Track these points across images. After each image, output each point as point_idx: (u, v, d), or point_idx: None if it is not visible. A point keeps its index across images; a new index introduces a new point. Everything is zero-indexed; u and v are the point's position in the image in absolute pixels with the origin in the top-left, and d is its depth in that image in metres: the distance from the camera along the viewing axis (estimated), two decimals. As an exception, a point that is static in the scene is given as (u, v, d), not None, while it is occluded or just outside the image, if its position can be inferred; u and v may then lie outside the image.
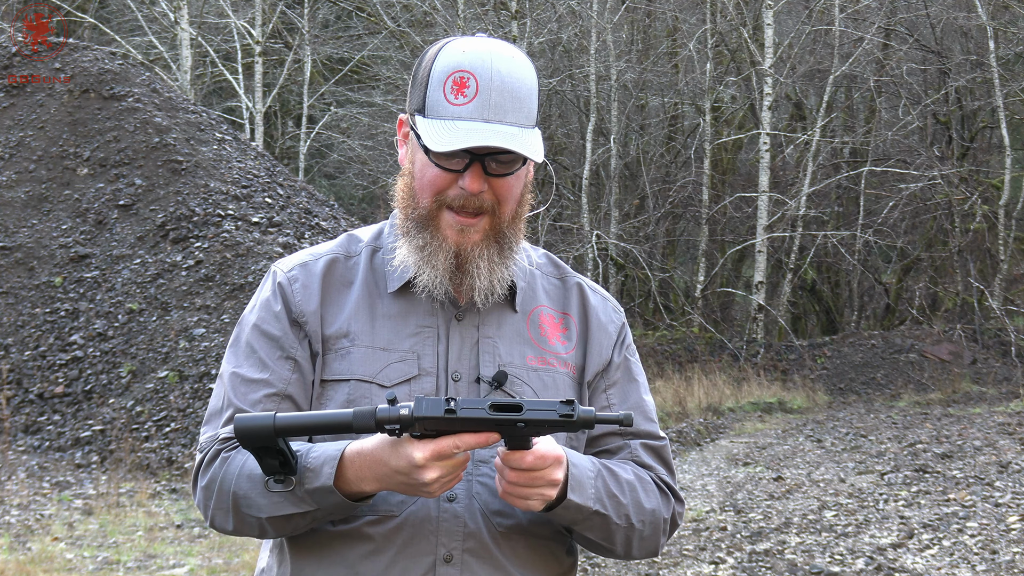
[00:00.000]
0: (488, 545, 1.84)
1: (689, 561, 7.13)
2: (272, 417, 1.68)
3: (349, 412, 1.69)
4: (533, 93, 1.85)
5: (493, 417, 1.69)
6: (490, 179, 1.83)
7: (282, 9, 23.84)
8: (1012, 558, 6.89)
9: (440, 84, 1.82)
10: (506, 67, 1.83)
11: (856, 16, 20.84)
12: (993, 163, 21.73)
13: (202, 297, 11.55)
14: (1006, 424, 12.40)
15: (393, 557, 1.82)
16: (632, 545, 1.91)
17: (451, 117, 1.81)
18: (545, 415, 1.70)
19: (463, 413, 1.68)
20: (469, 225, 1.84)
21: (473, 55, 1.83)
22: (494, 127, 1.79)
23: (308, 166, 24.73)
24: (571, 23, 20.74)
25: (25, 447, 10.56)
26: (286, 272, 1.94)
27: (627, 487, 1.88)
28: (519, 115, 1.82)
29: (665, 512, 1.94)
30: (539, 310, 1.97)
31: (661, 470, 1.97)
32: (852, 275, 22.00)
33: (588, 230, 19.52)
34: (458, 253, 1.85)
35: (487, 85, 1.81)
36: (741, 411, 15.47)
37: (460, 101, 1.81)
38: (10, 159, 13.39)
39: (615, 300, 2.07)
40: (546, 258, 2.04)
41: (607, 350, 1.98)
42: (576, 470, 1.81)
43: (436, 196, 1.84)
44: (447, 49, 1.85)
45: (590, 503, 1.82)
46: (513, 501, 1.76)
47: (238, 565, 7.07)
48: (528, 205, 1.93)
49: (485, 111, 1.80)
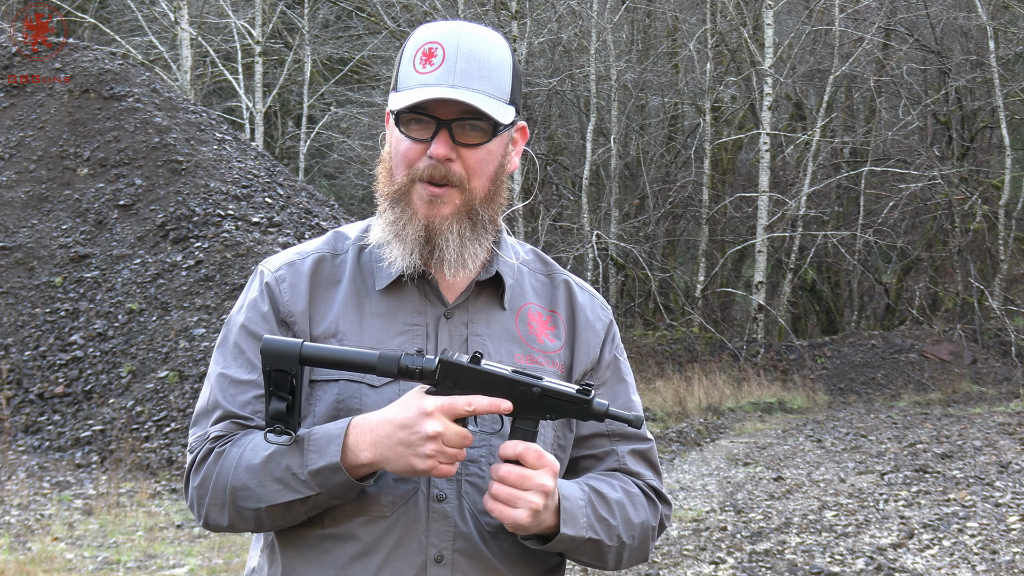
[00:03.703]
0: (478, 545, 1.84)
1: (689, 561, 7.13)
2: (300, 344, 1.73)
3: (375, 353, 1.74)
4: (505, 68, 1.84)
5: (513, 377, 1.74)
6: (460, 149, 1.82)
7: (282, 9, 23.85)
8: (1012, 558, 6.89)
9: (411, 58, 1.84)
10: (476, 37, 1.84)
11: (856, 16, 20.84)
12: (993, 163, 21.73)
13: (202, 297, 11.55)
14: (1006, 424, 12.40)
15: (384, 558, 1.82)
16: (623, 559, 1.92)
17: (418, 85, 1.81)
18: (562, 388, 1.75)
19: (487, 367, 1.73)
20: (437, 196, 1.83)
21: (443, 27, 1.85)
22: (459, 91, 1.79)
23: (308, 166, 24.73)
24: (571, 23, 20.74)
25: (25, 447, 10.56)
26: (273, 272, 1.94)
27: (616, 507, 1.88)
28: (487, 84, 1.82)
29: (653, 520, 1.95)
30: (527, 307, 1.96)
31: (648, 475, 1.98)
32: (852, 275, 22.00)
33: (588, 230, 19.52)
34: (427, 226, 1.84)
35: (454, 53, 1.81)
36: (741, 411, 15.46)
37: (427, 70, 1.81)
38: (10, 159, 13.39)
39: (603, 298, 2.07)
40: (533, 254, 2.03)
41: (595, 348, 1.98)
42: (567, 502, 1.81)
43: (408, 169, 1.84)
44: (419, 29, 1.88)
45: (583, 532, 1.82)
46: (499, 510, 1.74)
47: (238, 565, 7.07)
48: (506, 190, 1.91)
49: (451, 77, 1.80)
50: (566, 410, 1.77)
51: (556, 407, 1.76)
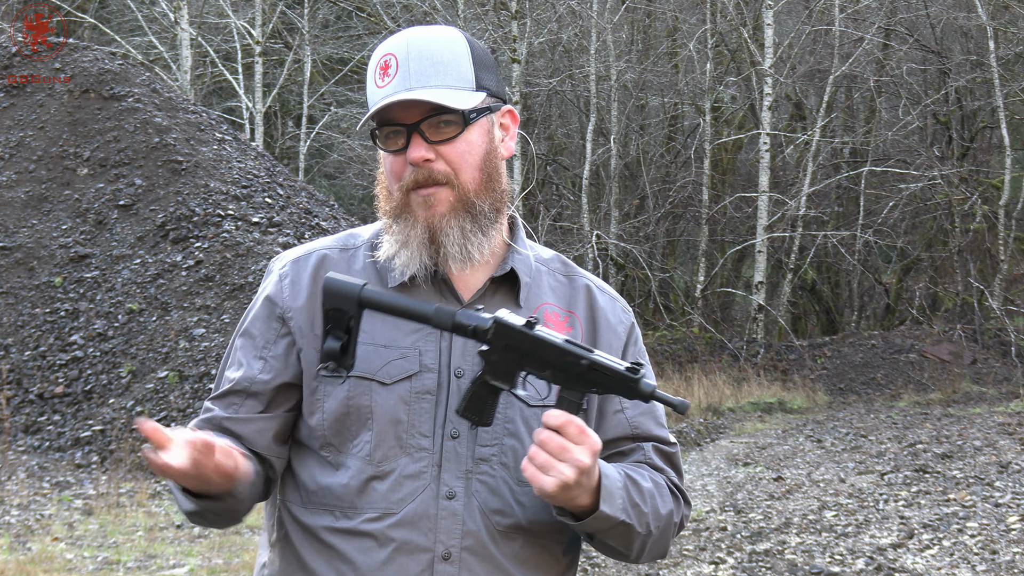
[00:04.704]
0: (487, 544, 1.84)
1: (689, 561, 7.13)
2: (360, 285, 1.77)
3: (432, 306, 1.78)
4: (462, 57, 1.86)
5: (565, 346, 1.75)
6: (438, 148, 1.84)
7: (282, 9, 23.84)
8: (1012, 558, 6.89)
9: (372, 76, 1.88)
10: (424, 39, 1.86)
11: (856, 16, 20.84)
12: (993, 163, 21.73)
13: (202, 297, 11.55)
14: (1006, 424, 12.40)
15: (391, 554, 1.82)
16: (645, 550, 1.92)
17: (380, 99, 1.84)
18: (613, 364, 1.76)
19: (540, 332, 1.75)
20: (430, 195, 1.84)
21: (394, 39, 1.89)
22: (415, 91, 1.82)
23: (308, 166, 24.73)
24: (571, 23, 20.75)
25: (25, 447, 10.56)
26: (279, 270, 1.96)
27: (647, 495, 1.88)
28: (445, 78, 1.84)
29: (676, 516, 1.96)
30: (543, 307, 1.95)
31: (672, 474, 1.98)
32: (852, 275, 22.00)
33: (588, 230, 19.52)
34: (428, 226, 1.85)
35: (405, 59, 1.84)
36: (741, 411, 15.47)
37: (384, 82, 1.85)
38: (10, 159, 13.39)
39: (624, 300, 2.06)
40: (557, 259, 2.03)
41: (617, 352, 1.97)
42: (608, 481, 1.81)
43: (399, 183, 1.86)
44: (376, 48, 1.91)
45: (619, 514, 1.82)
46: (531, 473, 1.73)
47: (238, 565, 7.07)
48: (502, 177, 1.91)
49: (406, 82, 1.83)
50: (613, 386, 1.77)
51: (604, 382, 1.76)
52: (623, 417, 1.95)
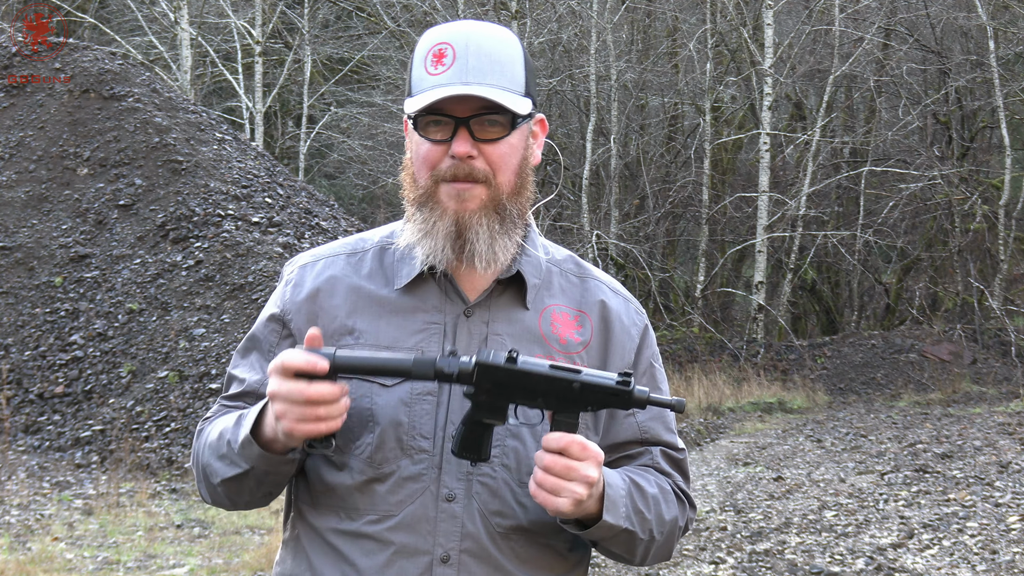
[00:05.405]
0: (486, 546, 1.84)
1: (689, 561, 7.13)
2: (332, 353, 1.73)
3: (409, 358, 1.74)
4: (516, 61, 1.85)
5: (552, 373, 1.72)
6: (481, 146, 1.82)
7: (282, 9, 23.84)
8: (1012, 558, 6.89)
9: (422, 61, 1.84)
10: (484, 35, 1.84)
11: (856, 16, 20.84)
12: (993, 163, 21.73)
13: (202, 297, 11.55)
14: (1006, 424, 12.40)
15: (390, 556, 1.82)
16: (649, 555, 1.92)
17: (431, 86, 1.81)
18: (602, 380, 1.74)
19: (523, 365, 1.72)
20: (465, 190, 1.83)
21: (451, 28, 1.86)
22: (473, 87, 1.80)
23: (308, 166, 24.73)
24: (571, 23, 20.74)
25: (25, 447, 10.56)
26: (288, 275, 1.98)
27: (652, 501, 1.88)
28: (501, 78, 1.82)
29: (681, 520, 1.96)
30: (552, 308, 1.94)
31: (679, 478, 1.98)
32: (852, 275, 22.00)
33: (588, 230, 19.52)
34: (457, 220, 1.83)
35: (463, 51, 1.81)
36: (741, 411, 15.47)
37: (439, 70, 1.81)
38: (10, 159, 13.39)
39: (637, 302, 2.05)
40: (571, 260, 2.03)
41: (630, 353, 1.96)
42: (611, 490, 1.81)
43: (432, 172, 1.84)
44: (428, 32, 1.88)
45: (621, 522, 1.82)
46: (543, 498, 1.73)
47: (238, 565, 7.07)
48: (531, 184, 1.91)
49: (463, 75, 1.80)
50: (608, 401, 1.76)
51: (597, 399, 1.75)
52: (633, 421, 1.95)
